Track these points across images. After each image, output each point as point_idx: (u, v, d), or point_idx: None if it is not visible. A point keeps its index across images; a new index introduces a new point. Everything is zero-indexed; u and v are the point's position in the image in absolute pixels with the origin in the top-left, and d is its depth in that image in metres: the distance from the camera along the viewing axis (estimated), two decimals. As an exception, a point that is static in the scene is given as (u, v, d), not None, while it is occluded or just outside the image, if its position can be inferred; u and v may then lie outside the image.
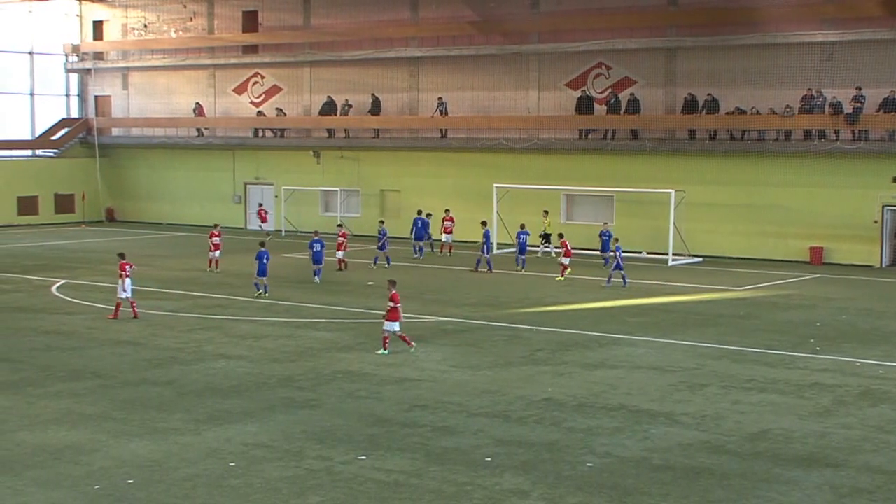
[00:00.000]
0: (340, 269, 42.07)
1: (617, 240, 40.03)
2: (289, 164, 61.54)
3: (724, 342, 28.32)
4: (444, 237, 48.54)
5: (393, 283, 26.80)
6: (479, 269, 42.46)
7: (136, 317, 31.03)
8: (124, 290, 31.02)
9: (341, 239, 42.76)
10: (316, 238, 39.93)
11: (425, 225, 47.87)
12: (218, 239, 42.28)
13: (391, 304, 26.13)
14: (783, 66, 46.95)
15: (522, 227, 44.31)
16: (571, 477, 16.78)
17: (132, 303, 31.32)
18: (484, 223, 44.74)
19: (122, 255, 32.12)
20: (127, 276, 31.05)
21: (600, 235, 44.98)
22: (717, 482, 16.58)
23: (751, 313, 33.36)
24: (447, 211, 49.12)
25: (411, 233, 47.94)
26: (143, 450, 17.99)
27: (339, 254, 42.43)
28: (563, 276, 40.48)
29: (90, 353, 26.25)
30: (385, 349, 26.27)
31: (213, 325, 30.44)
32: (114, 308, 31.33)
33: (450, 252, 48.12)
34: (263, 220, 59.08)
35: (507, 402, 21.46)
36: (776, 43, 47.09)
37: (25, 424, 19.60)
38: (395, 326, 26.22)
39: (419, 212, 48.41)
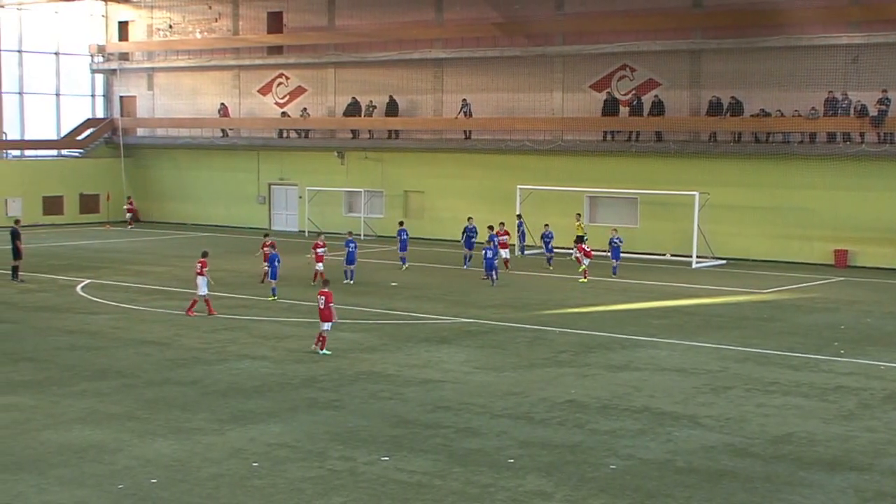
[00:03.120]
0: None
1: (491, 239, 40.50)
2: (313, 164, 61.65)
3: (748, 345, 28.23)
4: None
5: (326, 282, 28.09)
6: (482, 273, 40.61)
7: (211, 313, 31.69)
8: (201, 288, 31.69)
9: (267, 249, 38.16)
10: (350, 238, 40.09)
11: (475, 233, 45.32)
12: (322, 249, 38.91)
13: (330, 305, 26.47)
14: (808, 69, 46.73)
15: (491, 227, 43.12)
16: (594, 479, 16.77)
17: (207, 300, 31.88)
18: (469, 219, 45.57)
19: (204, 254, 32.73)
20: (200, 273, 31.64)
21: (610, 242, 42.83)
22: (740, 485, 16.54)
23: (775, 316, 33.24)
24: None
25: (462, 240, 46.13)
26: (166, 449, 18.06)
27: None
28: (585, 277, 40.40)
29: (114, 353, 26.36)
30: (325, 349, 26.50)
31: (237, 325, 30.53)
32: (190, 304, 32.21)
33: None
34: (130, 210, 64.81)
35: (530, 404, 21.46)
36: (801, 45, 46.88)
37: (50, 423, 19.71)
38: (326, 326, 26.51)
39: (469, 219, 46.11)
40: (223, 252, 47.04)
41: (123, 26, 69.36)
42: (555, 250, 44.90)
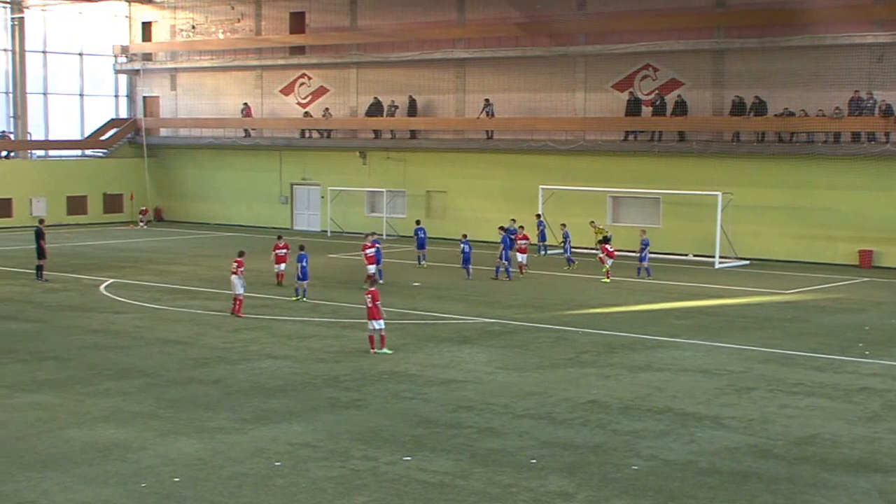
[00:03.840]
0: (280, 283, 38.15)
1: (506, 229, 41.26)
2: (335, 164, 61.76)
3: (772, 345, 28.11)
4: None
5: (374, 282, 28.58)
6: (498, 277, 40.61)
7: (235, 313, 31.72)
8: (237, 287, 31.84)
9: (284, 251, 38.32)
10: (374, 238, 40.18)
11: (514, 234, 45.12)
12: (372, 250, 37.88)
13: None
14: (832, 68, 46.53)
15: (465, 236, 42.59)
16: (617, 479, 16.72)
17: (236, 299, 31.94)
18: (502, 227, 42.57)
19: (241, 253, 32.91)
20: (235, 273, 31.79)
21: (642, 243, 42.30)
22: (763, 486, 16.47)
23: (798, 317, 33.10)
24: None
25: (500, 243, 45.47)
26: (189, 448, 18.11)
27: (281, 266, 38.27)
28: (608, 278, 40.30)
29: (138, 352, 26.45)
30: (384, 348, 26.51)
31: (260, 325, 30.58)
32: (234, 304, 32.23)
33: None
34: (150, 215, 65.42)
35: (552, 404, 21.42)
36: (825, 44, 46.67)
37: (74, 422, 19.79)
38: (378, 324, 26.48)
39: (512, 221, 44.32)
40: (246, 252, 47.03)
41: (147, 27, 69.64)
42: (572, 250, 44.66)
